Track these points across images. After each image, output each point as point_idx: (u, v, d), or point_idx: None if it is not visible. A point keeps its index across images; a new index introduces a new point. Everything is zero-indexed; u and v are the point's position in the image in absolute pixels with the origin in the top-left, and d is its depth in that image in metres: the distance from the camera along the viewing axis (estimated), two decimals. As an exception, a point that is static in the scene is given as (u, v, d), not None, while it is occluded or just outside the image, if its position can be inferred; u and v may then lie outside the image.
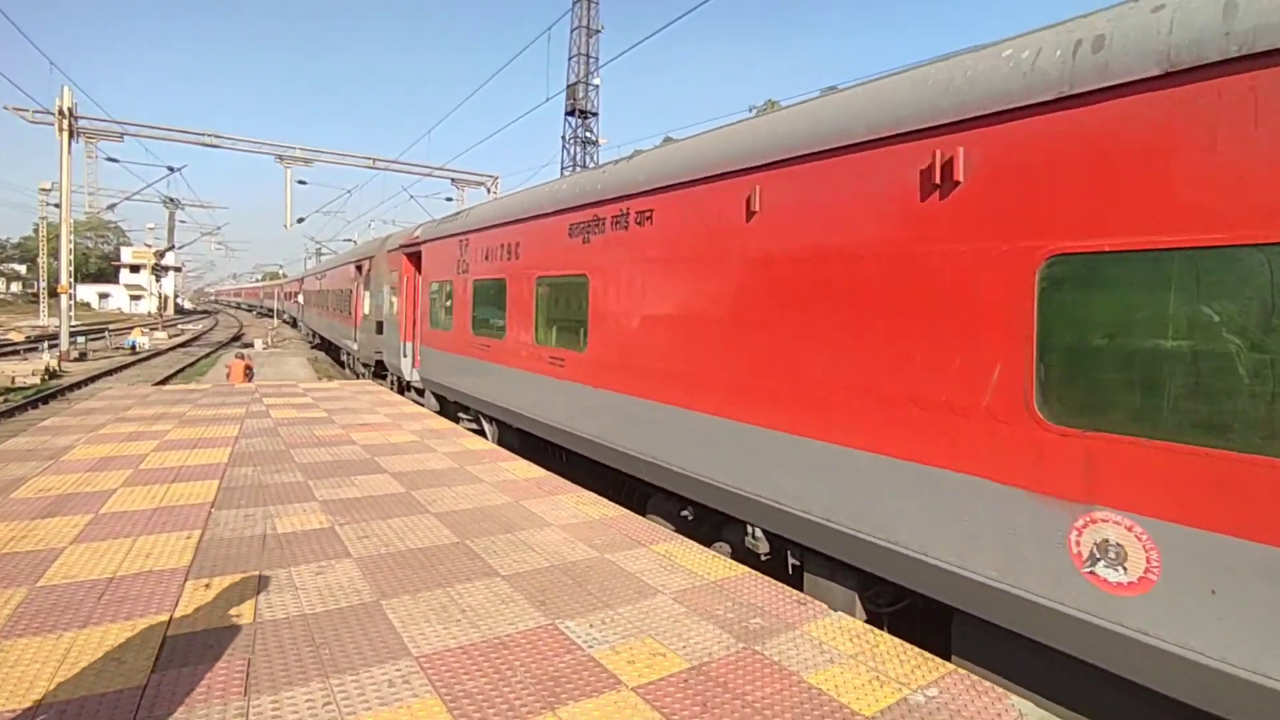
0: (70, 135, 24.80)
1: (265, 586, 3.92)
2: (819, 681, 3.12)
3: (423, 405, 12.28)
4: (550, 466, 7.39)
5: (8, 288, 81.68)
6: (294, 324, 52.52)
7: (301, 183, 32.67)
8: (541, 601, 3.88)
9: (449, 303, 11.13)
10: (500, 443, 9.12)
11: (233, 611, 3.57)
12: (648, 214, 5.97)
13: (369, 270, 17.78)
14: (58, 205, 26.71)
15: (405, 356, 13.88)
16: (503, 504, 5.86)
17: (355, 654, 3.19)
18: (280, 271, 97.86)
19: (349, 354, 22.22)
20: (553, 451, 8.30)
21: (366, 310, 18.21)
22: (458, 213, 11.76)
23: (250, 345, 35.26)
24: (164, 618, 3.46)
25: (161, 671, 2.95)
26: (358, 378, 19.64)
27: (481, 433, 9.92)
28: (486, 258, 9.62)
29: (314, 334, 35.80)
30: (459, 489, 6.27)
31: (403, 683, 2.95)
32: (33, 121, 25.44)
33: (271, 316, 60.20)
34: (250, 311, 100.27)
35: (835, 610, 3.98)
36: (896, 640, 3.61)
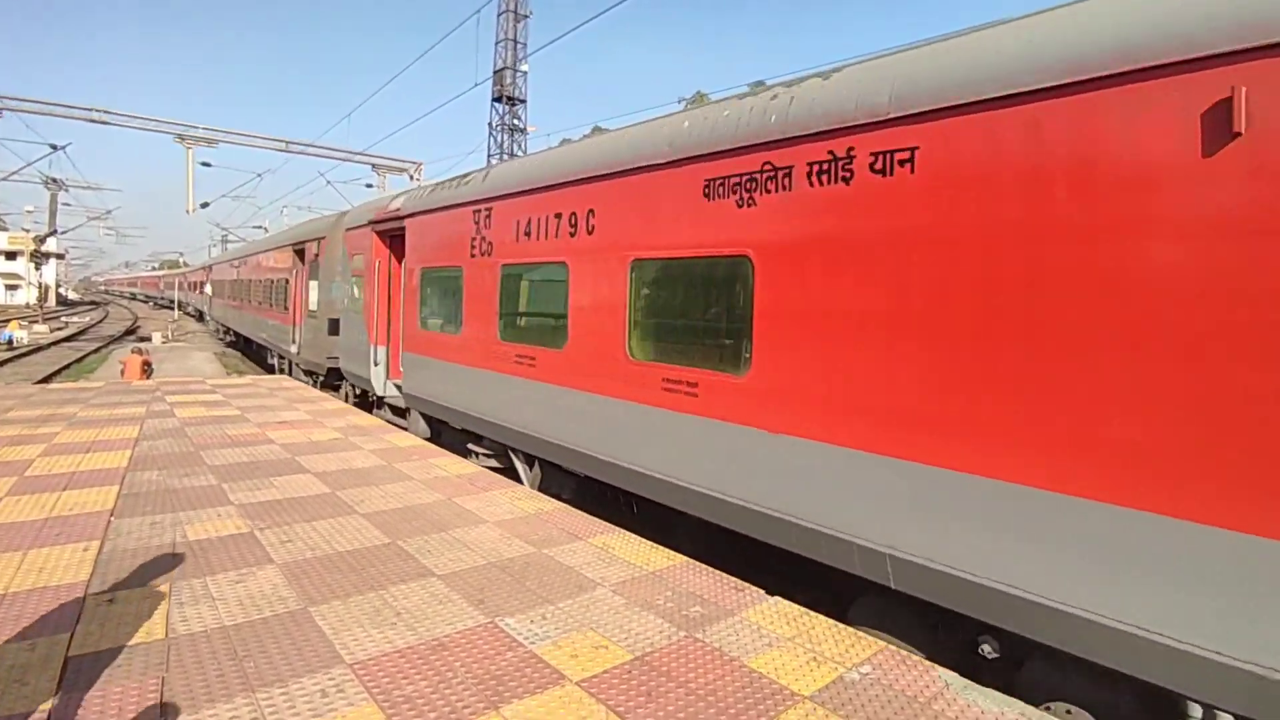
0: (-66, 108, 22.38)
1: (178, 598, 3.67)
2: (759, 665, 3.20)
3: (403, 428, 9.94)
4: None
5: None
6: (200, 318, 49.26)
7: (205, 164, 30.51)
8: (480, 600, 3.81)
9: (456, 296, 8.58)
10: (541, 488, 7.13)
11: (142, 627, 3.32)
12: (901, 156, 3.79)
13: (318, 255, 14.75)
14: (-83, 185, 24.04)
15: (376, 364, 11.20)
16: (434, 502, 5.70)
17: (283, 665, 3.03)
18: (181, 260, 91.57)
19: (282, 358, 18.82)
20: (622, 502, 6.48)
21: (314, 305, 15.11)
22: (466, 175, 8.82)
23: (148, 339, 32.90)
24: (64, 636, 3.19)
25: (67, 693, 2.72)
26: (279, 373, 18.59)
27: (504, 470, 7.71)
28: (527, 233, 7.11)
29: (225, 329, 33.29)
30: (387, 488, 6.06)
31: (336, 692, 2.83)
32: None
33: (173, 308, 56.25)
34: (148, 303, 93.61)
35: None
36: (831, 621, 3.75)
